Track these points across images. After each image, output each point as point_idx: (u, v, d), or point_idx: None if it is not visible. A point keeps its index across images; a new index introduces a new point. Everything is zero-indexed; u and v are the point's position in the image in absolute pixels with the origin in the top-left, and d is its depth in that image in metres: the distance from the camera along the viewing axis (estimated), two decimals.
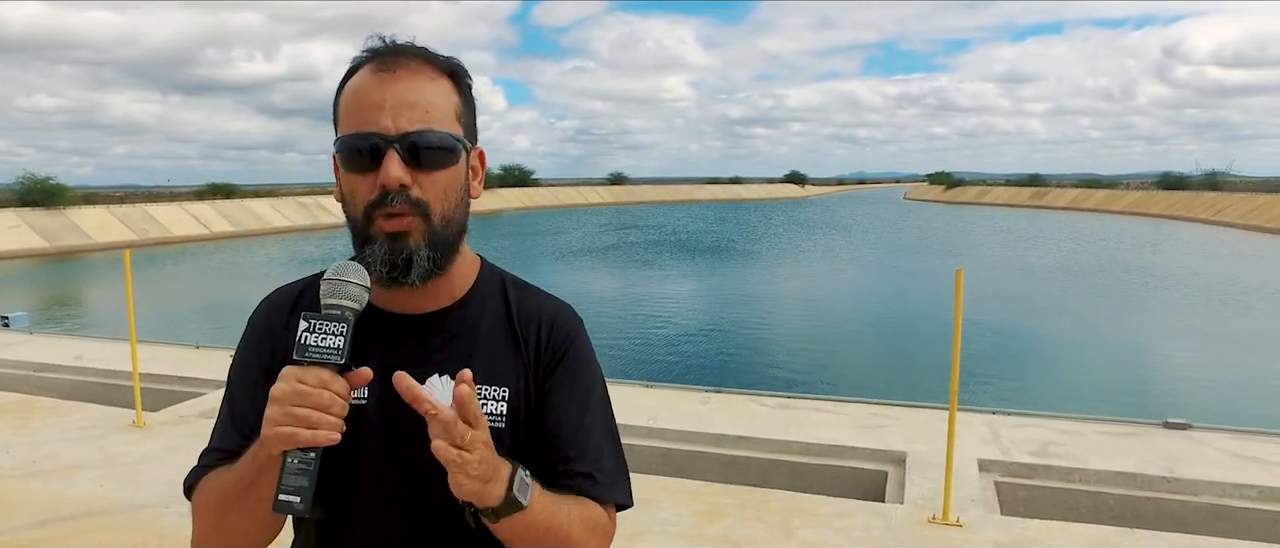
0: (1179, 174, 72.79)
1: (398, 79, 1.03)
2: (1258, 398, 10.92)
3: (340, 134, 1.05)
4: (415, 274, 1.04)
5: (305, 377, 0.92)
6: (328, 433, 0.92)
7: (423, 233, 1.04)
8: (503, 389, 1.13)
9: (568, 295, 1.28)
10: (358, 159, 1.03)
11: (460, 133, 1.08)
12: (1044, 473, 5.17)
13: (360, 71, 1.06)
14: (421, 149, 1.02)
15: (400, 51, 1.06)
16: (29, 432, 5.96)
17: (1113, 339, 15.23)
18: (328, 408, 0.92)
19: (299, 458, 0.91)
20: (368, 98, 1.03)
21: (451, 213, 1.07)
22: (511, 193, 77.75)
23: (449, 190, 1.06)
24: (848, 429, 5.90)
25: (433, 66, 1.07)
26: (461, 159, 1.08)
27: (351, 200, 1.05)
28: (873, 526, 4.31)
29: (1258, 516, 4.71)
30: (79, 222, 38.13)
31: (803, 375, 12.20)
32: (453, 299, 1.14)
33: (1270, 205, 49.06)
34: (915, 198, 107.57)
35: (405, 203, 1.02)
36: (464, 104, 1.10)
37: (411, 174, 1.02)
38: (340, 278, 0.98)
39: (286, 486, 0.91)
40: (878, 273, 26.84)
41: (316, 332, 0.94)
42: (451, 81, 1.08)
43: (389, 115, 1.01)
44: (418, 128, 1.02)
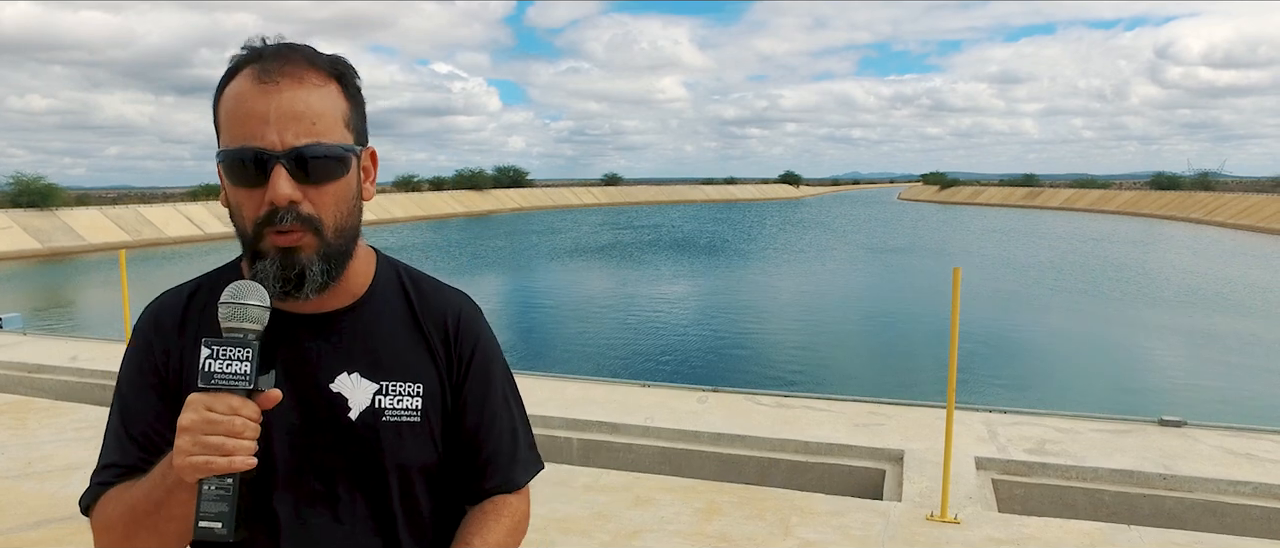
0: (1172, 174, 73.11)
1: (282, 88, 0.98)
2: (1252, 395, 10.97)
3: (223, 146, 1.00)
4: (309, 289, 1.02)
5: (214, 404, 0.91)
6: (243, 459, 0.91)
7: (315, 247, 1.01)
8: (417, 385, 1.13)
9: (564, 295, 1.30)
10: (243, 173, 0.98)
11: (350, 139, 1.04)
12: (1041, 471, 5.19)
13: (241, 77, 1.00)
14: (309, 162, 0.98)
15: (283, 56, 1.00)
16: (25, 433, 5.94)
17: (1108, 337, 15.29)
18: (240, 434, 0.91)
19: (216, 484, 0.90)
20: (251, 108, 0.98)
21: (344, 223, 1.04)
22: (506, 194, 77.67)
23: (340, 201, 1.03)
24: (845, 428, 5.92)
25: (318, 71, 1.02)
26: (352, 167, 1.04)
27: (239, 214, 1.02)
28: (871, 523, 4.32)
29: (1252, 512, 4.74)
30: (72, 223, 37.97)
31: (800, 374, 12.22)
32: (353, 297, 1.13)
33: (1262, 205, 49.28)
34: (909, 198, 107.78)
35: (295, 220, 0.99)
36: (352, 107, 1.06)
37: (301, 189, 0.98)
38: (239, 301, 0.95)
39: (206, 512, 0.90)
40: (873, 272, 26.88)
41: (221, 358, 0.92)
42: (338, 85, 1.04)
43: (274, 128, 0.97)
44: (305, 141, 0.98)
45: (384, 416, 1.10)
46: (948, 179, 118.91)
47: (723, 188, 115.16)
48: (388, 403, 1.10)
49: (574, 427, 6.06)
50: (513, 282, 24.86)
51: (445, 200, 68.90)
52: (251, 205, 1.00)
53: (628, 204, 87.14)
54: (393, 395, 1.11)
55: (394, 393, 1.11)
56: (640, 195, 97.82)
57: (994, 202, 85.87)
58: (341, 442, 1.08)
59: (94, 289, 23.80)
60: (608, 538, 4.15)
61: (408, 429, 1.11)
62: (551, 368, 10.33)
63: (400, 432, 1.10)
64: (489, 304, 19.82)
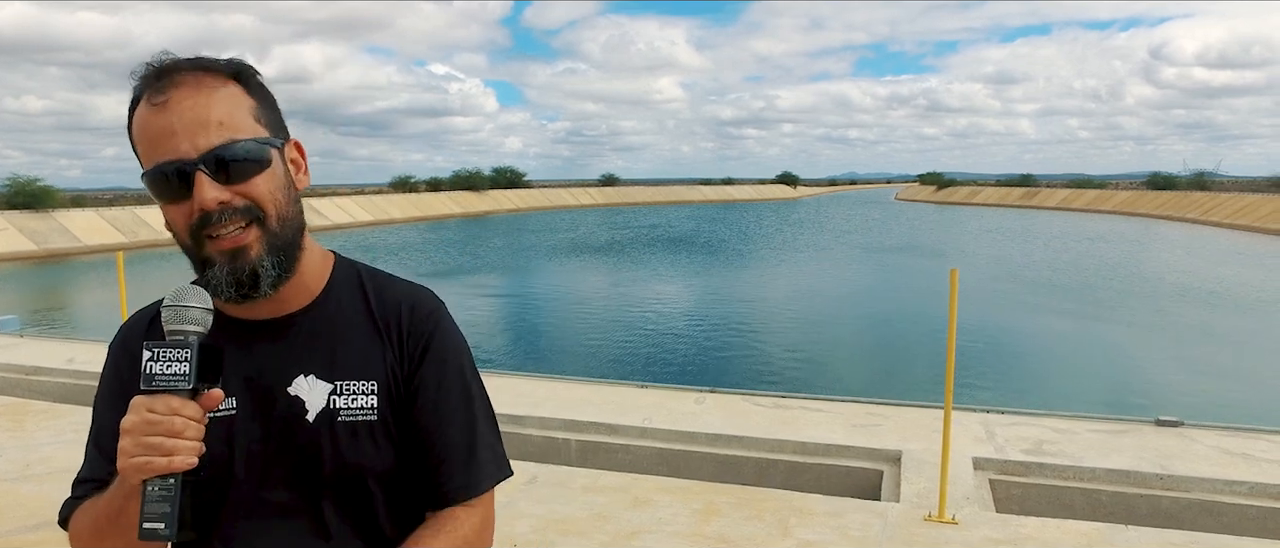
0: (1167, 174, 73.30)
1: (183, 98, 0.99)
2: (1248, 395, 11.00)
3: (144, 169, 1.01)
4: (265, 285, 1.03)
5: (154, 405, 0.92)
6: (184, 458, 0.91)
7: (261, 241, 1.02)
8: (371, 383, 1.11)
9: (561, 296, 1.28)
10: (168, 188, 0.99)
11: (264, 133, 1.04)
12: (1038, 471, 5.20)
13: (144, 100, 1.01)
14: (229, 163, 0.99)
15: (174, 70, 1.01)
16: (22, 435, 5.94)
17: (1105, 338, 15.31)
18: (180, 433, 0.91)
19: (159, 485, 0.91)
20: (158, 126, 0.99)
21: (285, 211, 1.04)
22: (503, 195, 77.63)
23: (274, 189, 1.03)
24: (843, 428, 5.93)
25: (213, 75, 1.02)
26: (275, 158, 1.05)
27: (175, 229, 1.03)
28: (869, 524, 4.33)
29: (1248, 511, 4.75)
30: (68, 224, 37.90)
31: (797, 375, 12.23)
32: (310, 298, 1.13)
33: (1258, 205, 49.40)
34: (906, 198, 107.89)
35: (233, 215, 1.00)
36: (259, 103, 1.06)
37: (227, 189, 0.99)
38: (179, 304, 0.96)
39: (149, 513, 0.91)
40: (871, 272, 26.91)
41: (161, 360, 0.94)
42: (238, 84, 1.04)
43: (185, 138, 0.98)
44: (218, 142, 0.98)
45: (339, 416, 1.08)
46: (944, 179, 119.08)
47: (720, 188, 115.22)
48: (342, 403, 1.09)
49: (572, 428, 6.06)
50: (511, 282, 24.85)
51: (442, 201, 68.86)
52: (183, 216, 1.00)
53: (625, 205, 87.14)
54: (347, 395, 1.09)
55: (348, 392, 1.09)
56: (637, 196, 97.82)
57: (991, 202, 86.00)
58: (299, 446, 1.07)
59: (91, 291, 23.76)
60: (606, 539, 4.15)
61: (364, 430, 1.09)
62: (549, 369, 10.33)
63: (356, 432, 1.09)
64: (487, 305, 19.83)
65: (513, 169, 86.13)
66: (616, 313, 18.50)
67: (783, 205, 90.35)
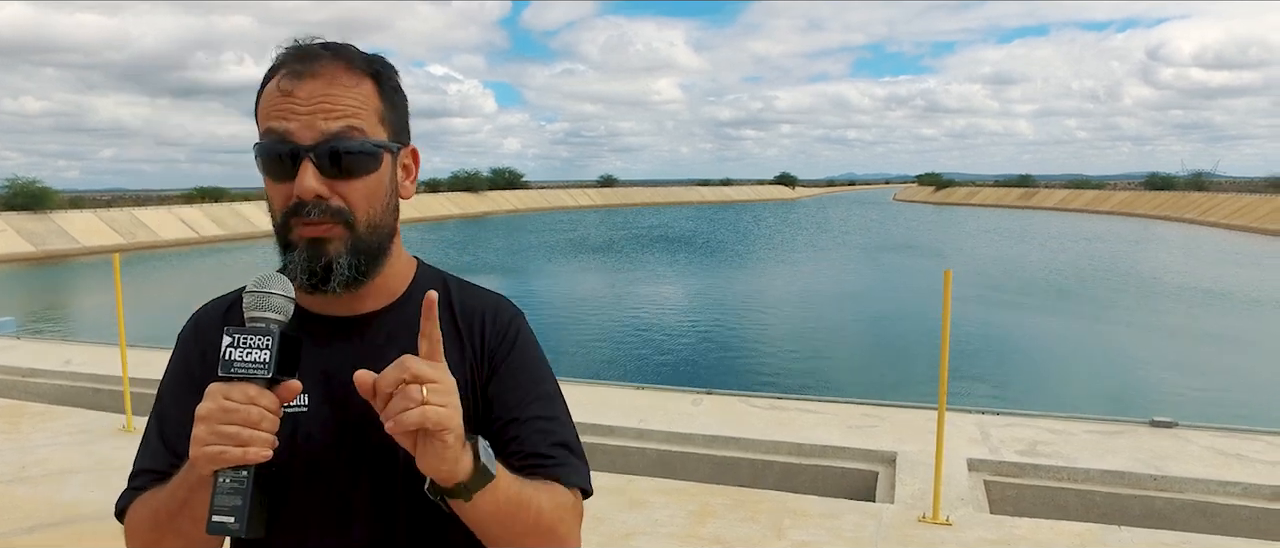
0: (1166, 174, 73.43)
1: (315, 83, 0.99)
2: (1243, 396, 11.02)
3: (258, 139, 1.02)
4: (335, 282, 1.01)
5: (231, 393, 0.89)
6: (258, 450, 0.89)
7: (344, 240, 1.01)
8: None
9: (558, 297, 1.27)
10: (274, 166, 1.00)
11: (385, 135, 1.04)
12: (1033, 472, 5.21)
13: (278, 75, 1.02)
14: (341, 156, 0.99)
15: (318, 54, 1.01)
16: (18, 437, 5.94)
17: (1101, 338, 15.34)
18: (257, 424, 0.89)
19: (231, 477, 0.89)
20: (283, 103, 0.99)
21: (377, 219, 1.04)
22: (502, 196, 77.62)
23: (372, 196, 1.03)
24: (838, 430, 5.94)
25: (352, 68, 1.02)
26: (385, 163, 1.04)
27: (271, 206, 1.03)
28: (863, 525, 4.34)
29: (1241, 512, 4.77)
30: (66, 226, 37.86)
31: (794, 376, 12.24)
32: (391, 299, 1.11)
33: (1256, 205, 49.48)
34: (905, 199, 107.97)
35: (323, 213, 0.99)
36: (388, 105, 1.06)
37: (329, 183, 0.99)
38: (262, 289, 0.95)
39: (219, 506, 0.89)
40: (868, 273, 26.93)
41: (241, 347, 0.91)
42: (374, 82, 1.04)
43: (304, 123, 0.98)
44: (335, 134, 0.99)
45: None
46: (943, 180, 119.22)
47: (718, 189, 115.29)
48: None
49: None
50: (508, 283, 24.86)
51: (441, 202, 68.85)
52: (280, 198, 1.01)
53: (623, 205, 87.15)
54: None
55: None
56: (636, 197, 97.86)
57: (989, 202, 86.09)
58: (372, 448, 1.05)
59: (88, 293, 23.75)
60: (600, 541, 4.16)
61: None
62: None
63: None
64: None
65: (511, 170, 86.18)
66: (613, 314, 18.50)
67: (781, 206, 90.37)
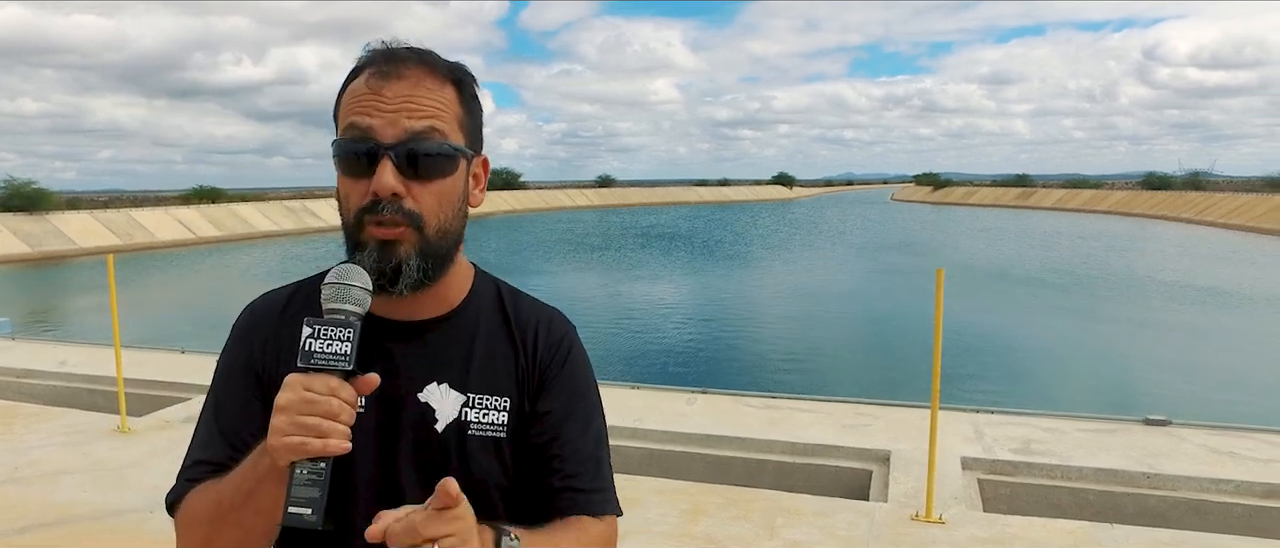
0: (1163, 174, 73.54)
1: (400, 86, 1.01)
2: (1236, 394, 11.04)
3: (338, 137, 1.03)
4: (403, 283, 1.02)
5: (313, 384, 0.89)
6: (339, 442, 0.89)
7: (414, 242, 1.02)
8: (504, 399, 1.10)
9: (554, 295, 1.28)
10: (352, 163, 1.01)
11: (462, 141, 1.05)
12: (1026, 470, 5.22)
13: (362, 74, 1.03)
14: (419, 157, 1.00)
15: (404, 56, 1.03)
16: (12, 438, 5.93)
17: (1095, 337, 15.36)
18: (336, 416, 0.89)
19: (309, 469, 0.88)
20: (367, 102, 1.01)
21: (448, 224, 1.05)
22: (499, 196, 77.58)
23: (445, 201, 1.04)
24: (832, 429, 5.94)
25: (435, 73, 1.04)
26: (461, 168, 1.05)
27: (345, 203, 1.03)
28: (857, 524, 4.34)
29: (1234, 510, 4.78)
30: (62, 227, 37.80)
31: (788, 376, 12.25)
32: (449, 306, 1.12)
33: (1252, 205, 49.56)
34: (902, 199, 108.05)
35: (397, 212, 1.00)
36: (467, 112, 1.07)
37: (406, 183, 1.00)
38: (344, 282, 0.95)
39: (296, 497, 0.88)
40: (864, 273, 26.95)
41: (321, 337, 0.91)
42: (455, 89, 1.06)
43: (387, 121, 0.99)
44: (416, 135, 1.00)
45: (470, 429, 1.08)
46: (941, 180, 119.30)
47: (716, 189, 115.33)
48: (474, 416, 1.08)
49: None
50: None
51: None
52: (356, 195, 1.01)
53: (621, 206, 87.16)
54: (479, 409, 1.08)
55: (481, 406, 1.08)
56: (634, 197, 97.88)
57: (986, 202, 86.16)
58: (425, 453, 1.06)
59: (84, 293, 23.69)
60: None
61: (492, 445, 1.09)
62: None
63: (484, 447, 1.08)
64: None
65: (509, 171, 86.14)
66: (608, 313, 18.50)
67: (779, 206, 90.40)
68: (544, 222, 57.54)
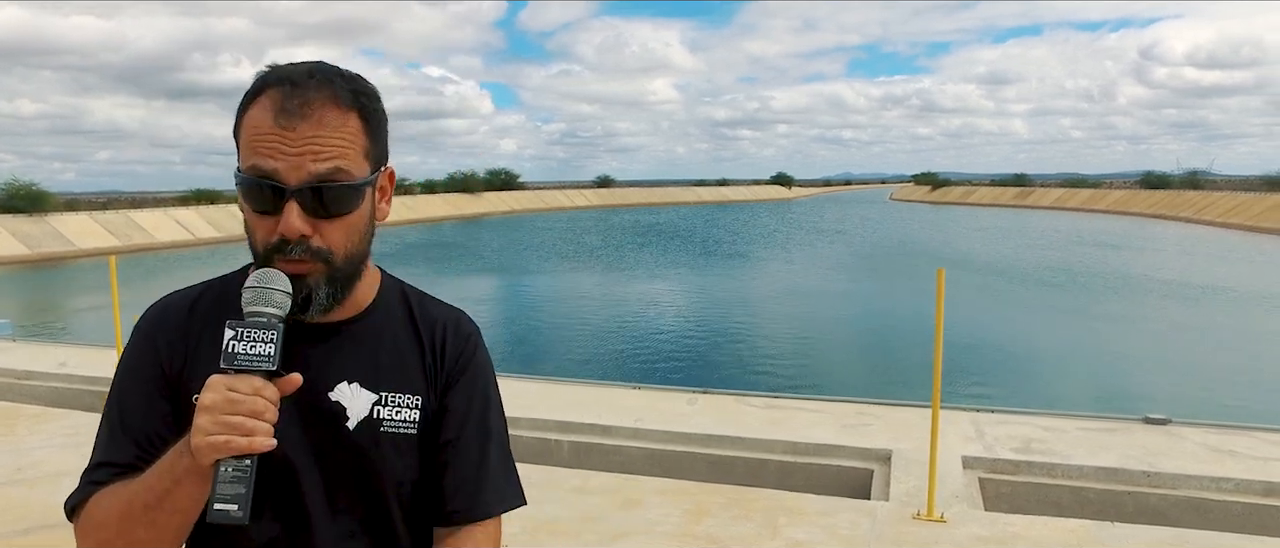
0: (1161, 173, 73.64)
1: (305, 123, 0.98)
2: (1235, 393, 11.06)
3: (241, 168, 1.01)
4: (314, 311, 1.04)
5: (237, 384, 0.91)
6: (264, 439, 0.91)
7: (323, 274, 1.03)
8: (416, 397, 1.13)
9: (554, 298, 1.30)
10: (258, 198, 1.00)
11: (367, 170, 1.05)
12: (1027, 469, 5.23)
13: (264, 100, 1.00)
14: (324, 194, 1.00)
15: (306, 87, 1.00)
16: (13, 439, 5.93)
17: (1095, 336, 15.37)
18: (261, 414, 0.91)
19: (234, 466, 0.90)
20: (270, 138, 0.98)
21: (355, 251, 1.06)
22: (498, 196, 77.57)
23: (352, 233, 1.05)
24: (833, 428, 5.95)
25: (339, 104, 1.01)
26: (367, 197, 1.06)
27: (253, 236, 1.04)
28: (858, 523, 4.35)
29: (1234, 508, 4.79)
30: (61, 228, 37.78)
31: (789, 376, 12.26)
32: (358, 309, 1.13)
33: (1250, 204, 49.62)
34: (901, 198, 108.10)
35: (305, 252, 1.00)
36: (371, 138, 1.06)
37: (312, 223, 1.00)
38: (265, 285, 0.96)
39: (222, 495, 0.89)
40: (864, 272, 26.95)
41: (244, 340, 0.93)
42: (358, 115, 1.04)
43: (292, 165, 0.98)
44: (320, 178, 0.99)
45: (382, 426, 1.09)
46: (939, 179, 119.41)
47: (715, 189, 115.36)
48: (386, 414, 1.10)
49: (564, 429, 6.07)
50: (505, 284, 24.87)
51: (437, 204, 68.79)
52: (263, 231, 1.02)
53: (620, 206, 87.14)
54: (391, 406, 1.11)
55: (392, 404, 1.11)
56: (632, 197, 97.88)
57: (985, 201, 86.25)
58: (338, 452, 1.08)
59: (83, 295, 23.68)
60: (595, 540, 4.17)
61: (404, 442, 1.11)
62: (542, 370, 10.35)
63: (397, 444, 1.10)
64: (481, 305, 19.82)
65: (507, 171, 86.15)
66: (609, 314, 18.51)
67: (777, 206, 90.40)
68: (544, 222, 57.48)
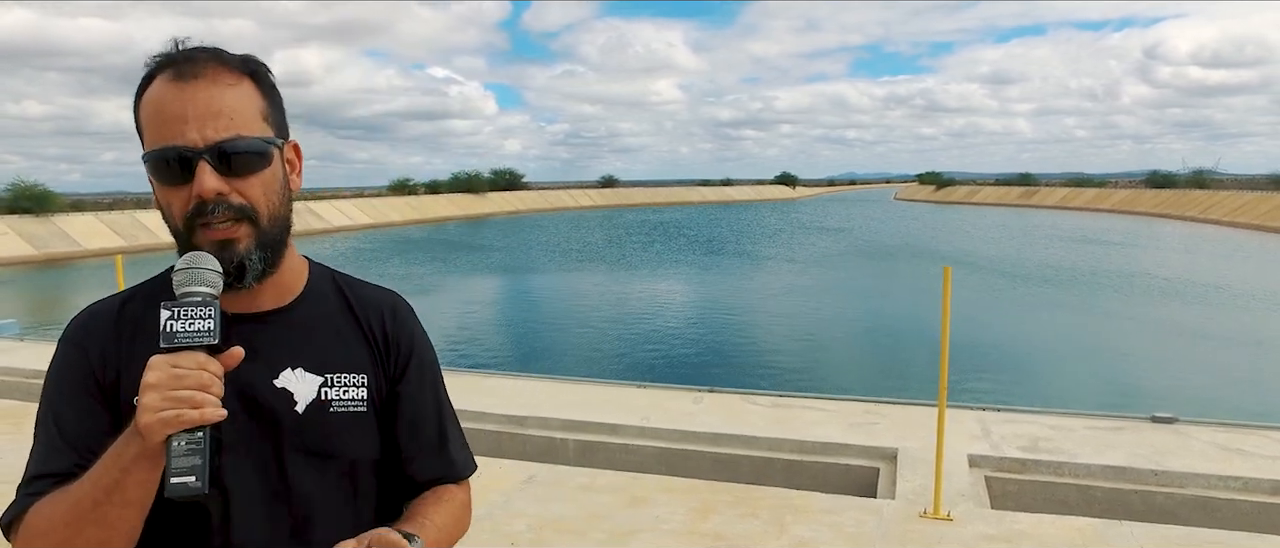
0: (1166, 172, 73.43)
1: (198, 88, 1.01)
2: (1243, 392, 11.03)
3: (147, 148, 1.03)
4: (250, 277, 1.05)
5: (179, 361, 0.92)
6: (215, 410, 0.91)
7: (252, 236, 1.04)
8: (361, 376, 1.15)
9: (560, 297, 1.31)
10: (168, 172, 1.02)
11: (270, 133, 1.07)
12: (1034, 468, 5.23)
13: (157, 81, 1.03)
14: (231, 156, 1.02)
15: (195, 58, 1.03)
16: (22, 439, 5.94)
17: (1101, 335, 15.34)
18: (208, 387, 0.92)
19: (187, 439, 0.90)
20: (170, 110, 1.01)
21: (278, 210, 1.08)
22: (502, 197, 77.60)
23: (269, 190, 1.06)
24: (840, 427, 5.95)
25: (231, 70, 1.05)
26: (275, 158, 1.08)
27: (169, 212, 1.04)
28: (864, 521, 4.35)
29: (1242, 506, 4.78)
30: (67, 229, 37.90)
31: (795, 375, 12.25)
32: (290, 296, 1.15)
33: (1256, 203, 49.43)
34: (905, 198, 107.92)
35: (227, 210, 1.02)
36: (269, 103, 1.09)
37: (226, 181, 1.02)
38: (194, 266, 0.97)
39: (178, 468, 0.89)
40: (869, 271, 26.92)
41: (182, 318, 0.93)
42: (252, 82, 1.07)
43: (194, 126, 1.00)
44: (225, 136, 1.01)
45: (331, 407, 1.11)
46: (943, 179, 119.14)
47: (719, 189, 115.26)
48: (334, 394, 1.12)
49: (570, 428, 6.08)
50: (511, 283, 24.89)
51: (441, 204, 68.85)
52: (180, 202, 1.02)
53: (624, 206, 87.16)
54: (339, 387, 1.12)
55: (340, 384, 1.13)
56: (636, 198, 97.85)
57: (990, 201, 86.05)
58: (289, 436, 1.09)
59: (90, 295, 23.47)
60: (602, 537, 4.18)
61: (355, 420, 1.13)
62: (548, 369, 10.35)
63: (347, 422, 1.12)
64: (488, 306, 19.85)
65: (511, 171, 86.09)
66: (615, 313, 18.52)
67: (782, 206, 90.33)
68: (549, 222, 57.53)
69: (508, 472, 5.10)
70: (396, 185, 73.22)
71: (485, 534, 4.18)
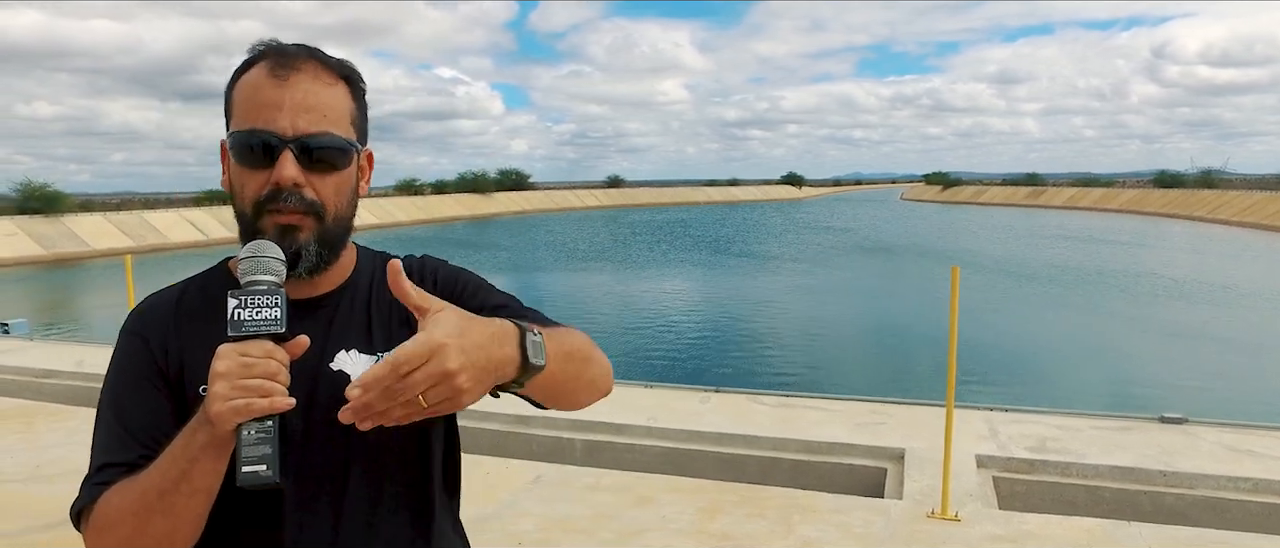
0: (1175, 172, 73.14)
1: (296, 82, 1.05)
2: (1253, 392, 10.97)
3: (234, 128, 1.06)
4: (303, 267, 1.06)
5: (248, 349, 0.92)
6: (282, 399, 0.92)
7: (314, 230, 1.06)
8: None
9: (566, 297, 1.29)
10: (251, 155, 1.04)
11: (353, 136, 1.10)
12: (1042, 468, 5.21)
13: (256, 68, 1.07)
14: (315, 151, 1.04)
15: (298, 53, 1.07)
16: (32, 437, 5.99)
17: (1109, 335, 15.28)
18: (276, 375, 0.92)
19: (257, 428, 0.90)
20: (265, 96, 1.04)
21: (343, 211, 1.10)
22: (509, 197, 77.71)
23: (340, 191, 1.09)
24: (847, 427, 5.94)
25: (329, 70, 1.08)
26: (352, 161, 1.10)
27: (240, 194, 1.06)
28: (872, 521, 4.34)
29: (1252, 507, 4.76)
30: (76, 229, 38.10)
31: (802, 374, 12.24)
32: (341, 279, 1.17)
33: (1265, 203, 49.18)
34: (912, 198, 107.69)
35: (298, 202, 1.04)
36: (357, 108, 1.12)
37: (304, 174, 1.04)
38: (259, 254, 0.98)
39: (248, 457, 0.89)
40: (876, 272, 26.87)
41: (249, 306, 0.94)
42: (346, 85, 1.10)
43: (286, 116, 1.03)
44: (314, 130, 1.04)
45: None
46: (950, 179, 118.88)
47: (725, 189, 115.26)
48: None
49: (577, 427, 6.09)
50: (517, 282, 24.91)
51: (448, 204, 68.99)
52: (255, 186, 1.04)
53: (631, 206, 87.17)
54: None
55: None
56: (643, 198, 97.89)
57: (997, 201, 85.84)
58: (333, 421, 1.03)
59: (99, 294, 23.87)
60: (610, 537, 4.18)
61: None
62: None
63: None
64: None
65: (518, 171, 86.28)
66: (621, 313, 18.52)
67: (788, 206, 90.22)
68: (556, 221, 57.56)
69: (515, 472, 5.11)
70: (403, 185, 73.40)
71: (492, 534, 4.19)
